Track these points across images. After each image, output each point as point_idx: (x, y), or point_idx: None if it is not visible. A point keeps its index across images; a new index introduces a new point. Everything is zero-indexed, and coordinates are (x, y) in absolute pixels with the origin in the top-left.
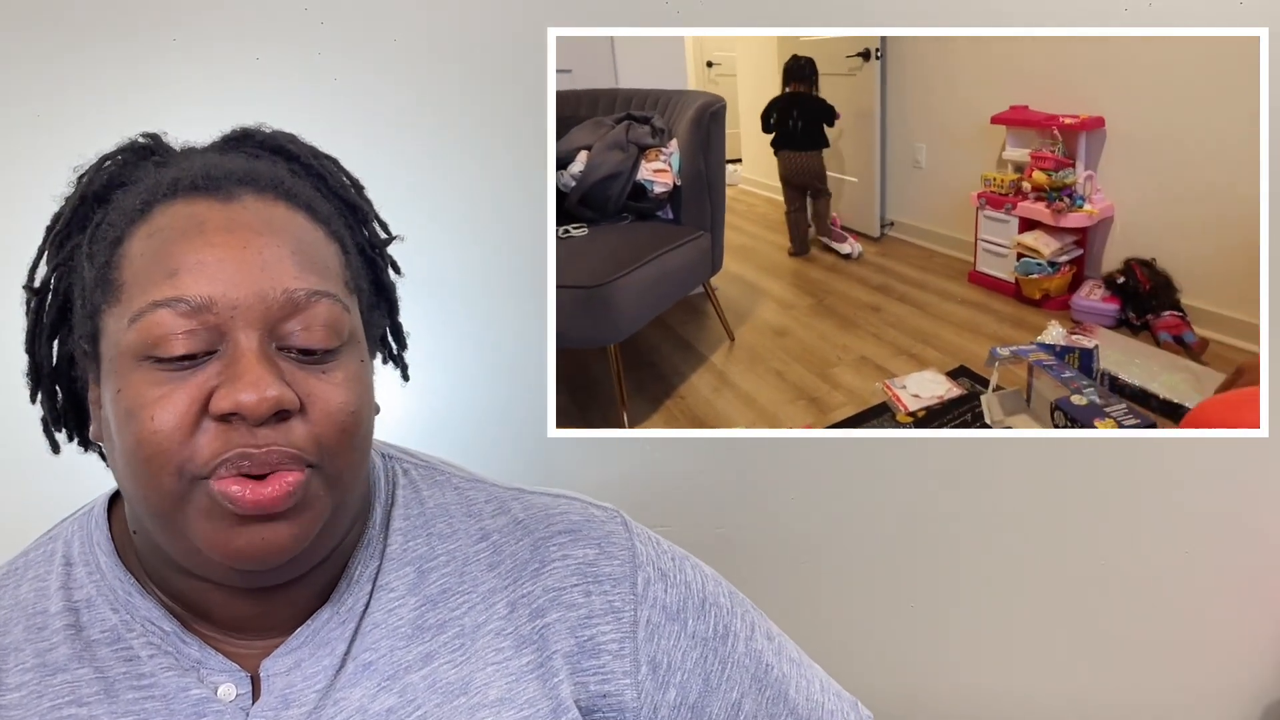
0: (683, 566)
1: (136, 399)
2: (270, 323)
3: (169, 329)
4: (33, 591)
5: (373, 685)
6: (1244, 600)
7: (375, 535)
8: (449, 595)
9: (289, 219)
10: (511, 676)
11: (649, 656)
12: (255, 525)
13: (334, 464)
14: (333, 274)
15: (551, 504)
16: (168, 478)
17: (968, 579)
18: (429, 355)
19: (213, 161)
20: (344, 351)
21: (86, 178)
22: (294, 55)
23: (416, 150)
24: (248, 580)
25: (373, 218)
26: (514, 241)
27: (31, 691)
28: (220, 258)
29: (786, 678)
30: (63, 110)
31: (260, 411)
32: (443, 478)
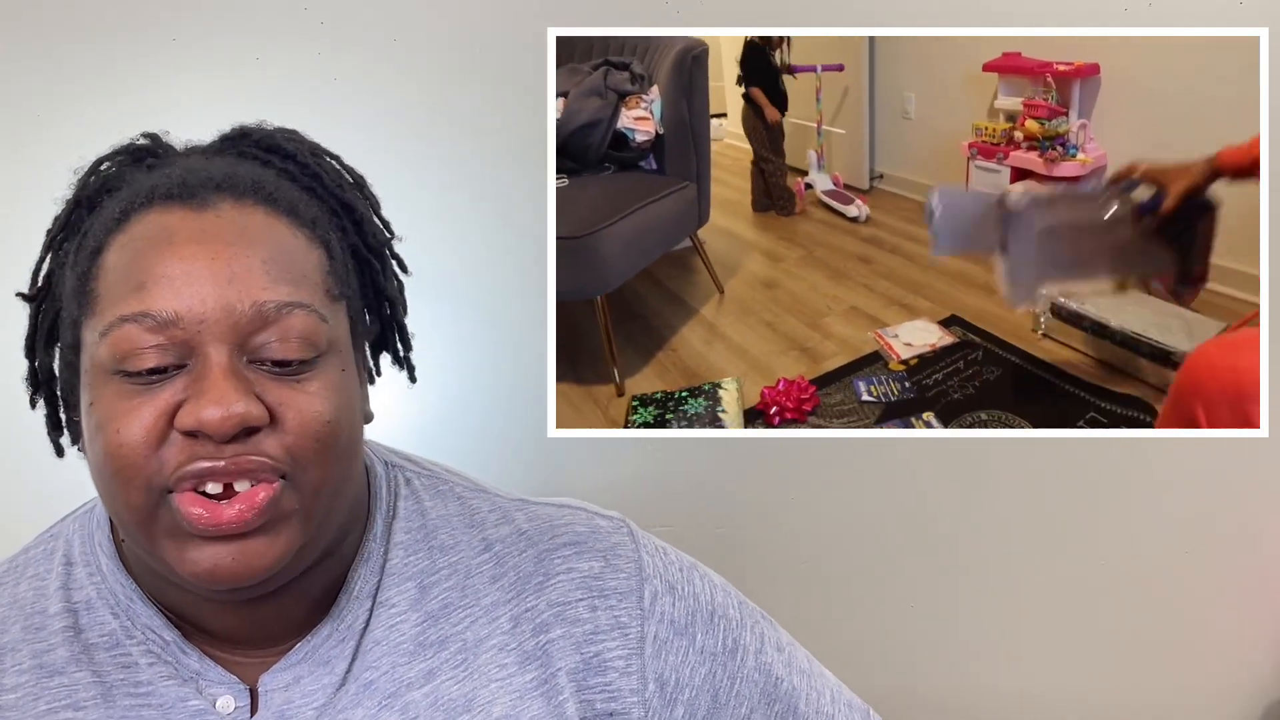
0: (691, 578)
1: (106, 412)
2: (240, 336)
3: (136, 344)
4: (32, 590)
5: (374, 705)
6: (1244, 600)
7: (376, 549)
8: (451, 610)
9: (266, 226)
10: (516, 694)
11: (656, 673)
12: (225, 544)
13: (309, 475)
14: (310, 283)
15: (556, 514)
16: (135, 492)
17: (968, 579)
18: (429, 355)
19: (194, 167)
20: (321, 362)
21: (82, 181)
22: (294, 55)
23: (416, 150)
24: (229, 595)
25: (371, 217)
26: (514, 241)
27: (28, 693)
28: (188, 270)
29: (796, 691)
30: (63, 110)
31: (224, 429)
32: (446, 487)
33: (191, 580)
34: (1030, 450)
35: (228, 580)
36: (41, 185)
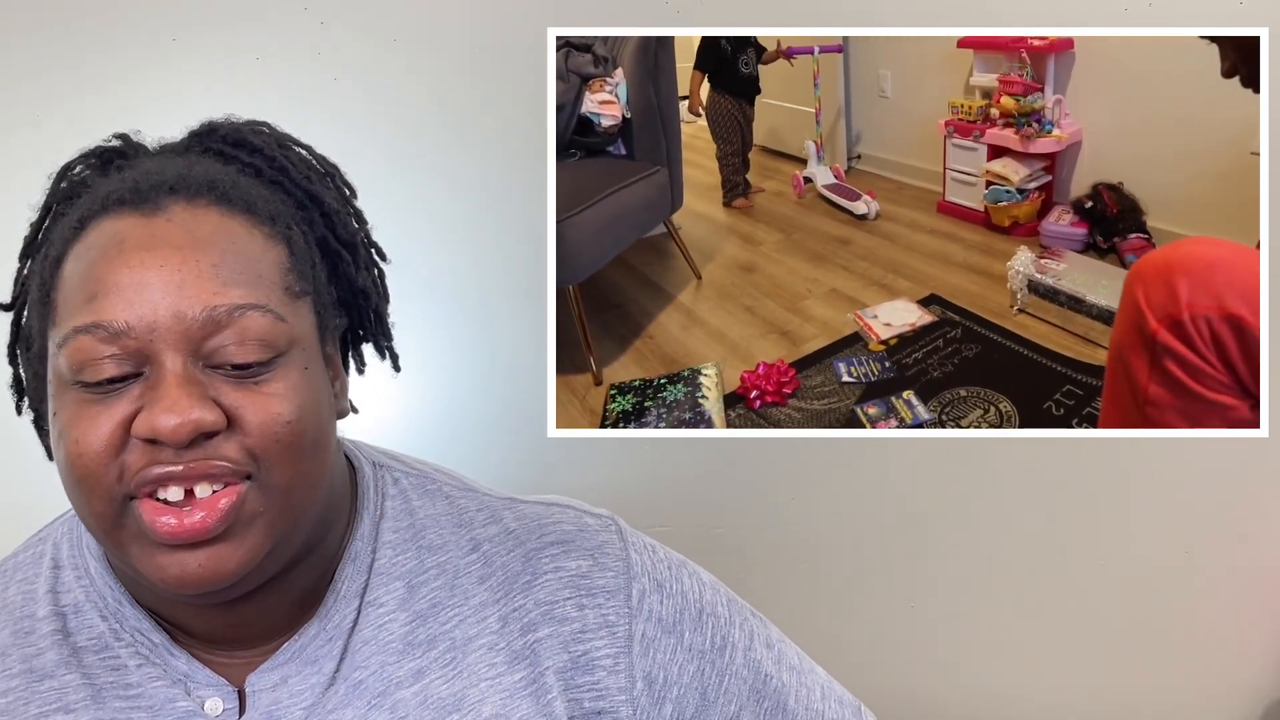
0: (679, 575)
1: (67, 421)
2: (193, 342)
3: (91, 355)
4: (20, 594)
5: (363, 704)
6: (1243, 600)
7: (363, 548)
8: (439, 609)
9: (219, 226)
10: (505, 693)
11: (644, 672)
12: (191, 550)
13: (274, 475)
14: (266, 282)
15: (544, 513)
16: (98, 500)
17: (967, 579)
18: (429, 355)
19: (150, 169)
20: (280, 362)
21: (53, 187)
22: (294, 55)
23: (416, 150)
24: (202, 600)
25: (338, 209)
26: (514, 241)
27: (18, 698)
28: (137, 280)
29: (786, 687)
30: (62, 110)
31: (179, 436)
32: (434, 486)
33: (162, 586)
34: (1030, 450)
35: (196, 585)
36: (40, 186)
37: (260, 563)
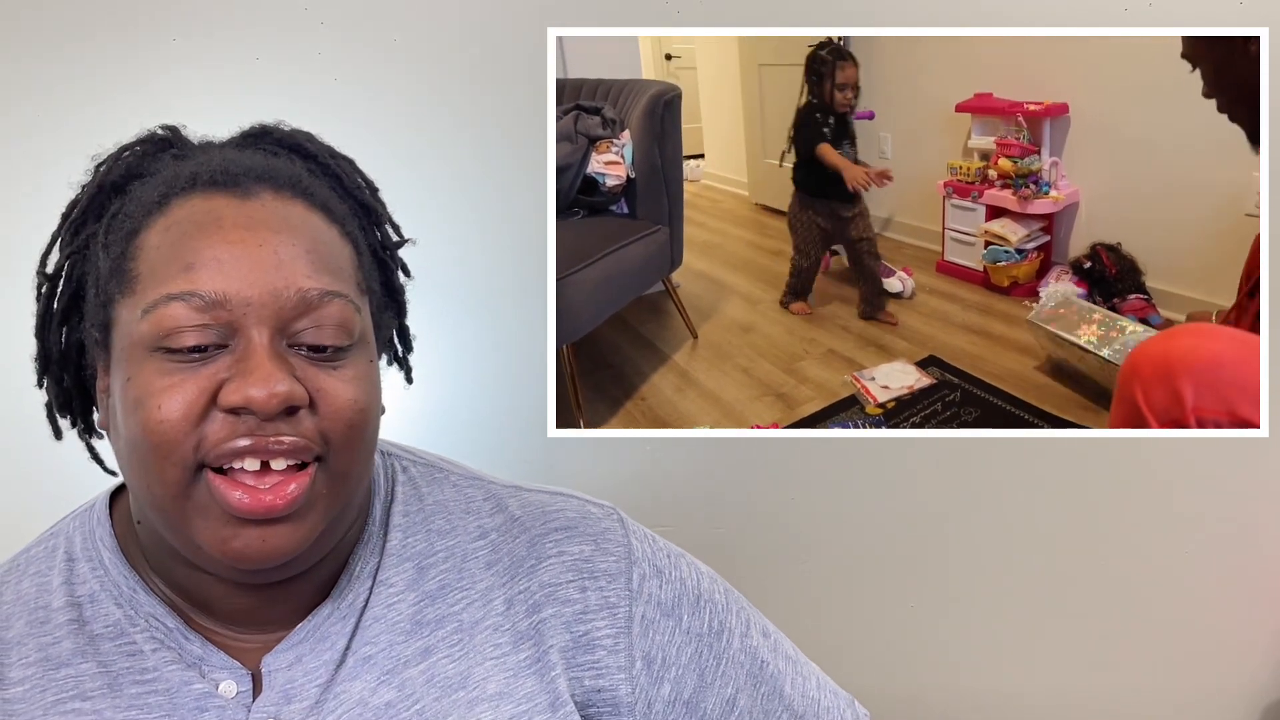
0: (678, 563)
1: (145, 388)
2: (283, 321)
3: (181, 322)
4: (34, 587)
5: (372, 679)
6: (1244, 600)
7: (375, 531)
8: (448, 591)
9: (305, 218)
10: (510, 671)
11: (644, 651)
12: (255, 527)
13: (340, 460)
14: (345, 275)
15: (549, 501)
16: (171, 468)
17: (967, 579)
18: (430, 355)
19: (231, 157)
20: (354, 351)
21: (105, 167)
22: (294, 55)
23: (416, 150)
24: (249, 577)
25: (386, 220)
26: (514, 241)
27: (35, 685)
28: (236, 255)
29: (782, 674)
30: (62, 110)
31: (270, 406)
32: (441, 475)
33: (219, 558)
34: (1030, 450)
35: (256, 561)
36: (41, 183)
37: (311, 546)
